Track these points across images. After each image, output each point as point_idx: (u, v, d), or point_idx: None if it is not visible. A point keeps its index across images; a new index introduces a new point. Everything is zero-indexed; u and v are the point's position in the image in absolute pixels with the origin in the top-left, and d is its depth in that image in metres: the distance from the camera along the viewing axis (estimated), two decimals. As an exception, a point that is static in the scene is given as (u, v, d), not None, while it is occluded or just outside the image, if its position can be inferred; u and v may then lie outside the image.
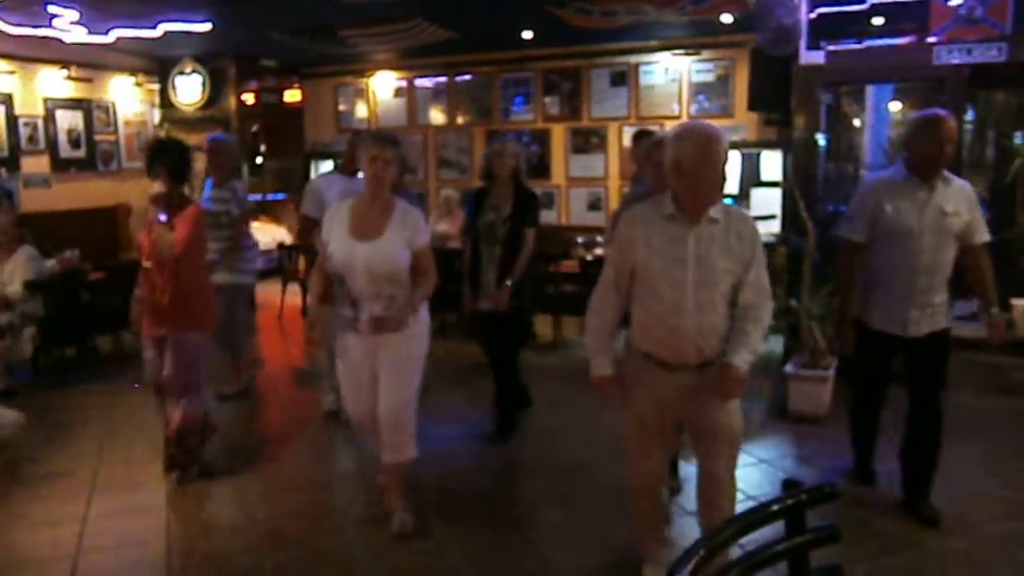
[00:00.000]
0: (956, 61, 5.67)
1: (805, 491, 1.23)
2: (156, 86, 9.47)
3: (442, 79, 9.61)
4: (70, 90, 8.58)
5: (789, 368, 5.29)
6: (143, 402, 5.84)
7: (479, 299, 4.83)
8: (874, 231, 3.77)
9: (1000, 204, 7.48)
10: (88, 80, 8.74)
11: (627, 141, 8.68)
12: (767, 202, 7.38)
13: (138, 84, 9.35)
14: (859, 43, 6.03)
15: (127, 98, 9.28)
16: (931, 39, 5.79)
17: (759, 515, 1.17)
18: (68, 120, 8.57)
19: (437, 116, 9.70)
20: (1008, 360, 6.29)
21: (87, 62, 8.60)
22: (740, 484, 3.42)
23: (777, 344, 6.02)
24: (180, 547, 3.71)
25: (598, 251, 7.94)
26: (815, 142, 6.33)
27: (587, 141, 8.94)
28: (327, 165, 9.97)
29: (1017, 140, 7.39)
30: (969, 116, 8.11)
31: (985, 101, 7.97)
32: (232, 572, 3.53)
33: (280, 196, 10.51)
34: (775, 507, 1.19)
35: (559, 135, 9.05)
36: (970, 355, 6.01)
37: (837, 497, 1.24)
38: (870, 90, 7.60)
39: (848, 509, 3.84)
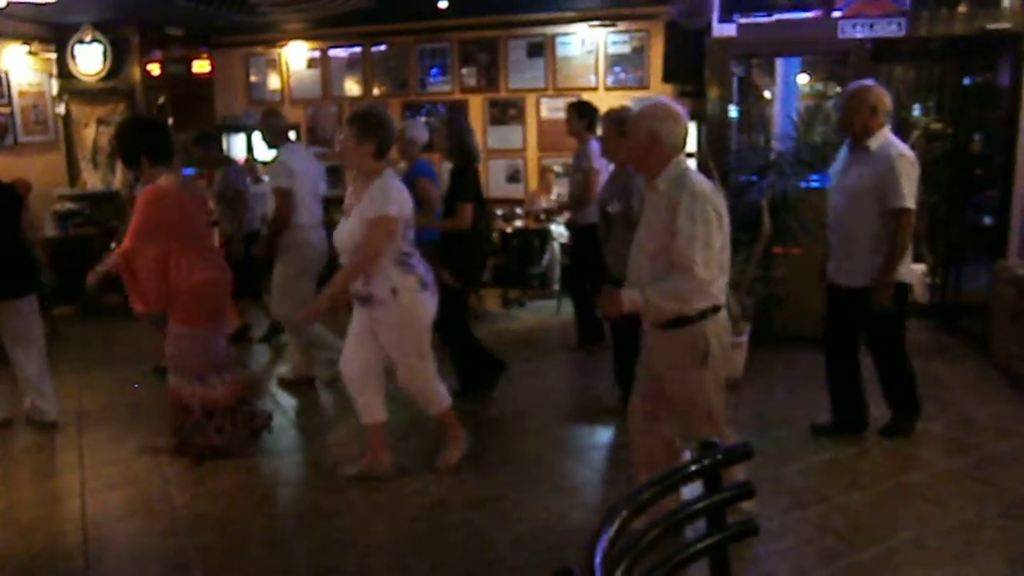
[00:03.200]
0: (859, 35, 5.88)
1: (722, 451, 1.29)
2: (53, 55, 8.96)
3: (357, 49, 9.41)
4: (-43, 59, 8.08)
5: (705, 334, 5.44)
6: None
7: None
8: None
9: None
10: (-24, 48, 8.23)
11: (545, 112, 8.75)
12: (682, 173, 7.53)
13: (32, 53, 8.82)
14: (769, 16, 6.19)
15: (21, 67, 8.76)
16: (836, 13, 5.99)
17: (678, 475, 1.23)
18: (-44, 91, 8.07)
19: (352, 87, 9.51)
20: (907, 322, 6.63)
21: (-25, 29, 8.10)
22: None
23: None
24: (97, 533, 3.61)
25: (518, 223, 7.99)
26: (727, 113, 6.49)
27: (505, 112, 8.93)
28: (239, 139, 9.67)
29: (915, 112, 7.73)
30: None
31: (887, 75, 8.30)
32: (152, 556, 3.46)
33: (190, 171, 10.14)
34: (693, 467, 1.25)
35: (477, 106, 9.00)
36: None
37: (751, 456, 1.30)
38: (779, 63, 7.82)
39: (761, 467, 4.01)
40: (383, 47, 9.31)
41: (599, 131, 5.17)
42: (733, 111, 6.89)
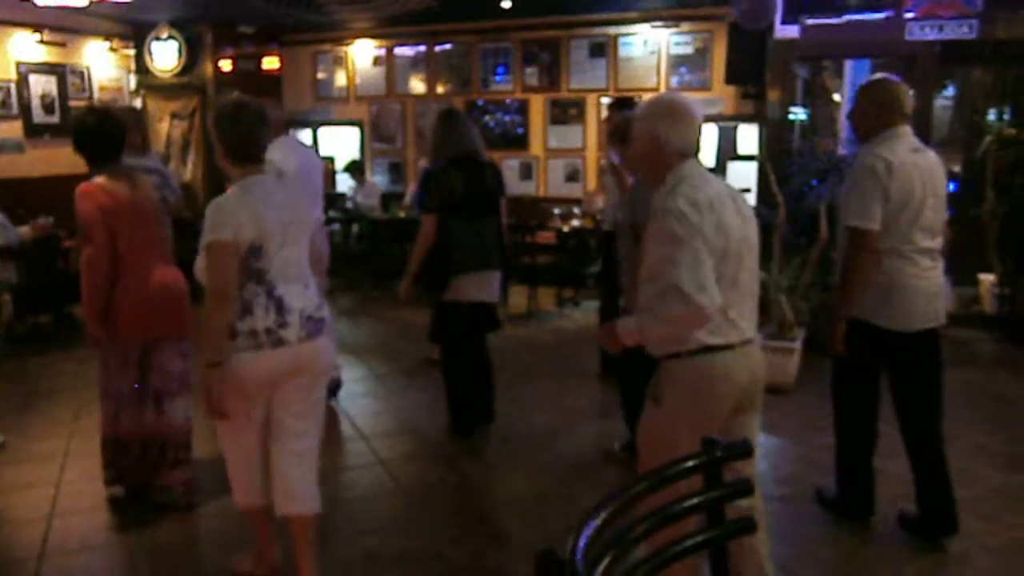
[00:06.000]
0: (928, 37, 5.73)
1: (721, 447, 1.30)
2: (132, 52, 9.35)
3: (421, 48, 9.55)
4: (43, 54, 8.47)
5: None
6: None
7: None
8: None
9: (971, 181, 7.59)
10: (62, 44, 8.62)
11: (605, 112, 8.72)
12: (743, 175, 7.43)
13: (113, 49, 9.23)
14: (839, 17, 6.07)
15: (102, 63, 9.16)
16: (907, 15, 5.85)
17: (676, 470, 1.24)
18: (42, 85, 8.47)
19: (417, 85, 9.66)
20: (973, 334, 6.43)
21: (61, 26, 8.48)
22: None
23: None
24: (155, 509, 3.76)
25: (575, 222, 7.99)
26: (788, 116, 6.40)
27: (565, 112, 8.95)
28: (306, 134, 9.91)
29: (990, 117, 7.48)
30: (949, 92, 8.21)
31: (963, 77, 8.04)
32: (210, 530, 3.59)
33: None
34: (691, 462, 1.27)
35: (537, 106, 9.05)
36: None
37: (751, 454, 1.31)
38: (848, 65, 7.67)
39: (809, 475, 3.95)
40: (447, 46, 9.43)
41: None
42: (801, 113, 6.78)
